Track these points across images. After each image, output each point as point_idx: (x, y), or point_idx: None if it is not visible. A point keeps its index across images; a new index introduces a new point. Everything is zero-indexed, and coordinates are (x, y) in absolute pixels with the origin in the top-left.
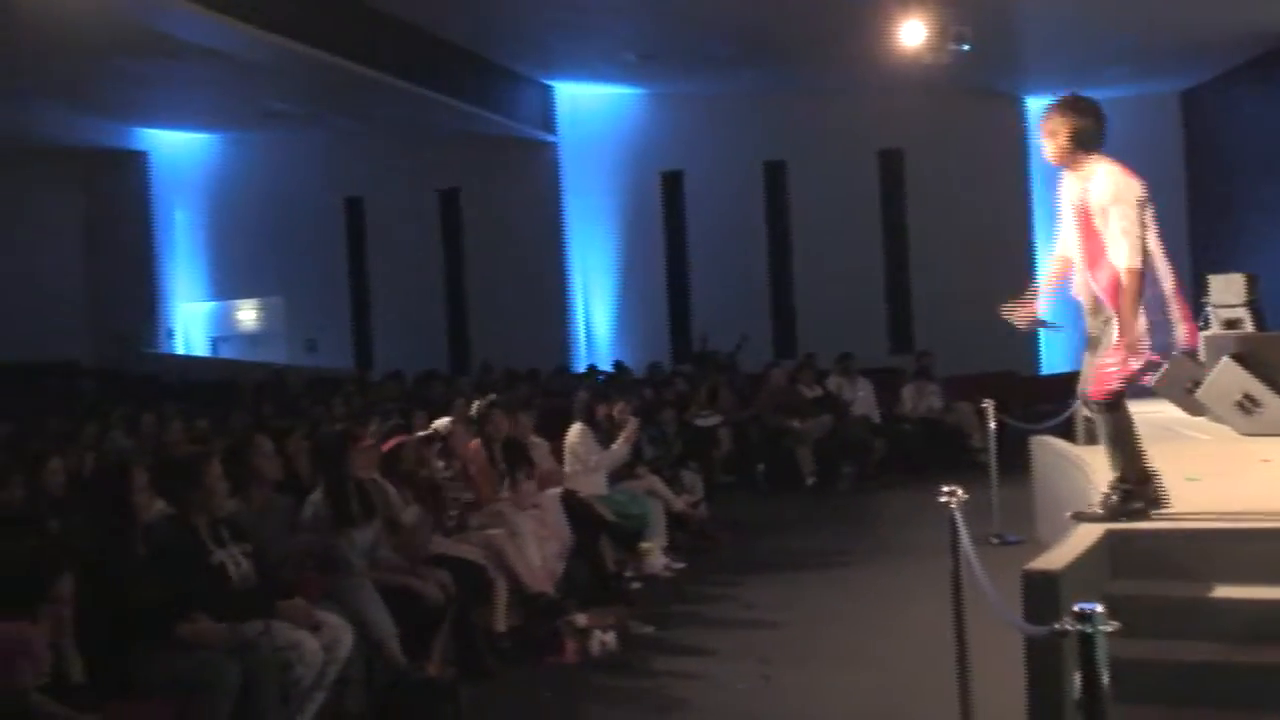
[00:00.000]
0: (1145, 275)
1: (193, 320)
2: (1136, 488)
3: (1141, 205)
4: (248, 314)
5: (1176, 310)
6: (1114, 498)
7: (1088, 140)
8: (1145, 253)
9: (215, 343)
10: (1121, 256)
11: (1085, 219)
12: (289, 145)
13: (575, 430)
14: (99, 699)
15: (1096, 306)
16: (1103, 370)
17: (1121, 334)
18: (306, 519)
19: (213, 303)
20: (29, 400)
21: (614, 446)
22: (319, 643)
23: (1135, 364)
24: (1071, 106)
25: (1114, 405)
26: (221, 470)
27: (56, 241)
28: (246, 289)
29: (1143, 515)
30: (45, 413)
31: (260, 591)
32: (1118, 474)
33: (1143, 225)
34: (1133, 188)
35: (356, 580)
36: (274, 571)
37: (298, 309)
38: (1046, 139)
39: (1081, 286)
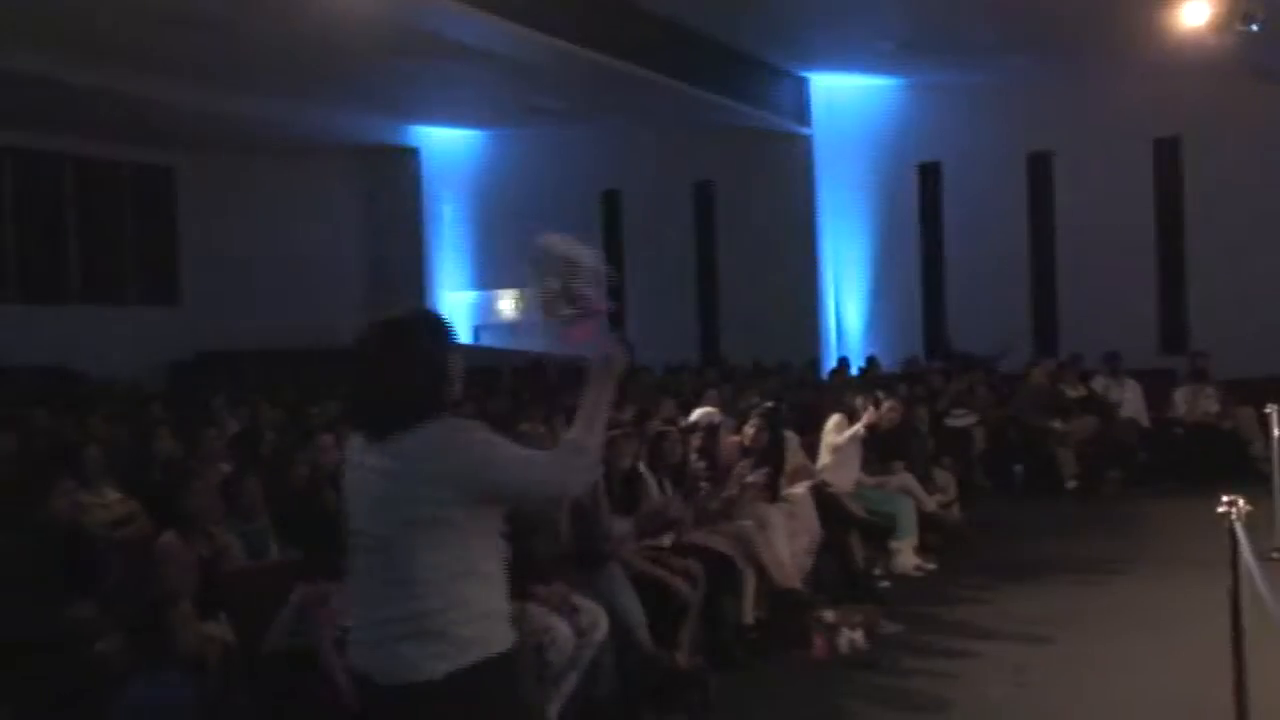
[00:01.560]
0: None
1: (457, 309)
2: None
3: None
4: (507, 303)
5: None
6: None
7: None
8: None
9: (477, 330)
10: None
11: None
12: (549, 140)
13: (833, 422)
14: None
15: None
16: None
17: None
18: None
19: (475, 292)
20: (312, 383)
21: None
22: (573, 628)
23: None
24: None
25: None
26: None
27: (337, 232)
28: (507, 279)
29: None
30: (324, 396)
31: (518, 574)
32: None
33: None
34: None
35: (611, 568)
36: (534, 556)
37: None
38: None
39: None
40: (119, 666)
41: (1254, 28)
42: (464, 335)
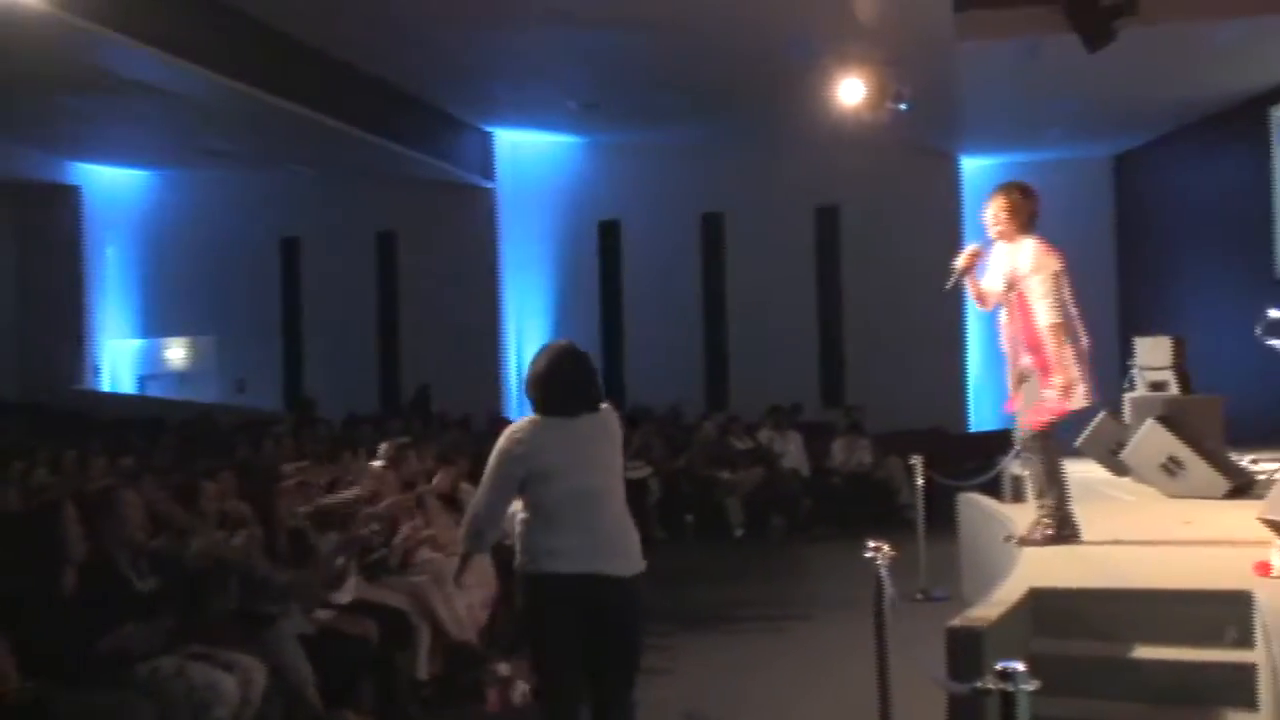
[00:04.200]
0: (1071, 330)
1: (120, 357)
2: (1064, 517)
3: (1059, 276)
4: (177, 352)
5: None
6: (1047, 524)
7: (1030, 222)
8: (1067, 314)
9: (143, 381)
10: (1043, 316)
11: (1013, 285)
12: (226, 184)
13: None
14: None
15: (1020, 356)
16: (1040, 404)
17: (1054, 371)
18: (231, 559)
19: (141, 340)
20: None
21: None
22: (239, 686)
23: (1070, 405)
24: (1023, 192)
25: (1046, 437)
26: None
27: None
28: (177, 327)
29: (1072, 541)
30: None
31: (184, 632)
32: (1052, 502)
33: (1060, 290)
34: (1052, 261)
35: (280, 626)
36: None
37: (229, 349)
38: (1000, 214)
39: (1008, 340)
40: None
41: (903, 107)
42: (128, 385)
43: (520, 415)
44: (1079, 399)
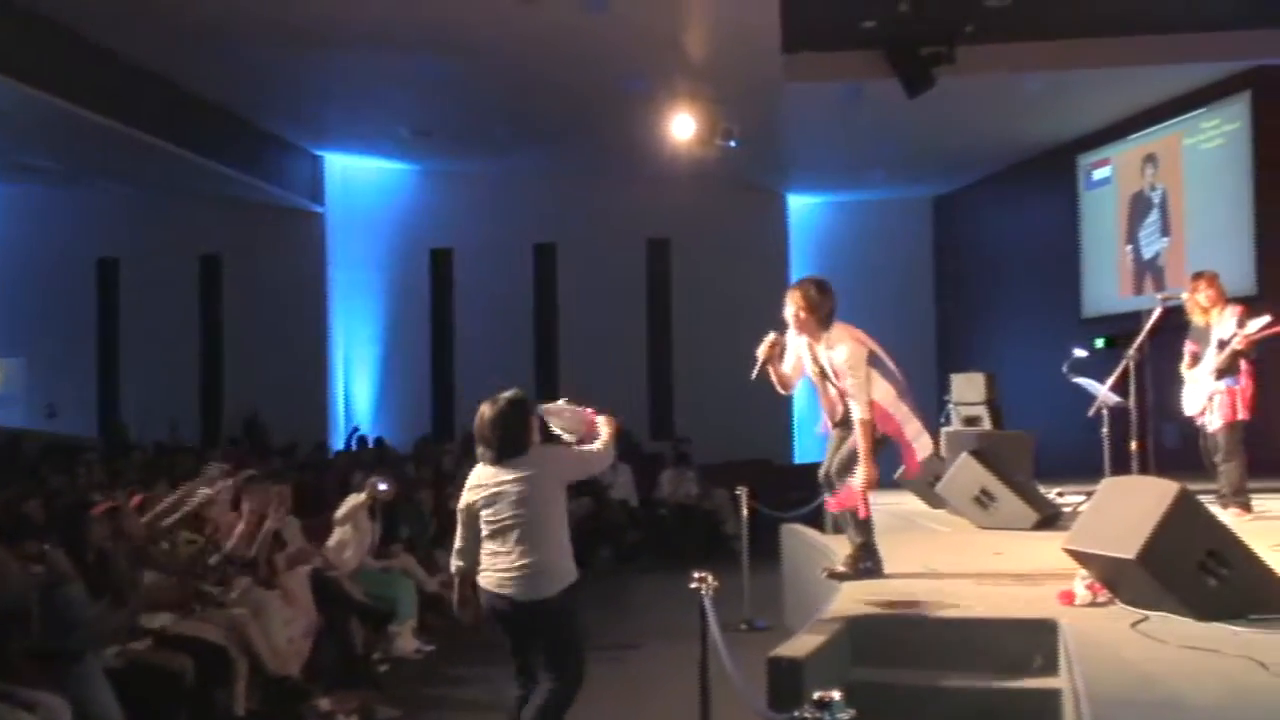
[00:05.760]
0: (899, 387)
1: None
2: (871, 554)
3: (870, 361)
4: None
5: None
6: (859, 559)
7: (830, 316)
8: (894, 379)
9: None
10: (855, 410)
11: (830, 377)
12: (39, 201)
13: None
14: None
15: (839, 419)
16: (849, 491)
17: (863, 461)
18: (38, 592)
19: None
20: None
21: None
22: None
23: (919, 458)
24: (819, 287)
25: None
26: None
27: None
28: None
29: (878, 575)
30: None
31: None
32: (861, 540)
33: (869, 379)
34: (862, 353)
35: (87, 662)
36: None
37: (39, 372)
38: (800, 313)
39: (825, 402)
40: None
41: (732, 144)
42: None
43: (343, 442)
44: (925, 448)
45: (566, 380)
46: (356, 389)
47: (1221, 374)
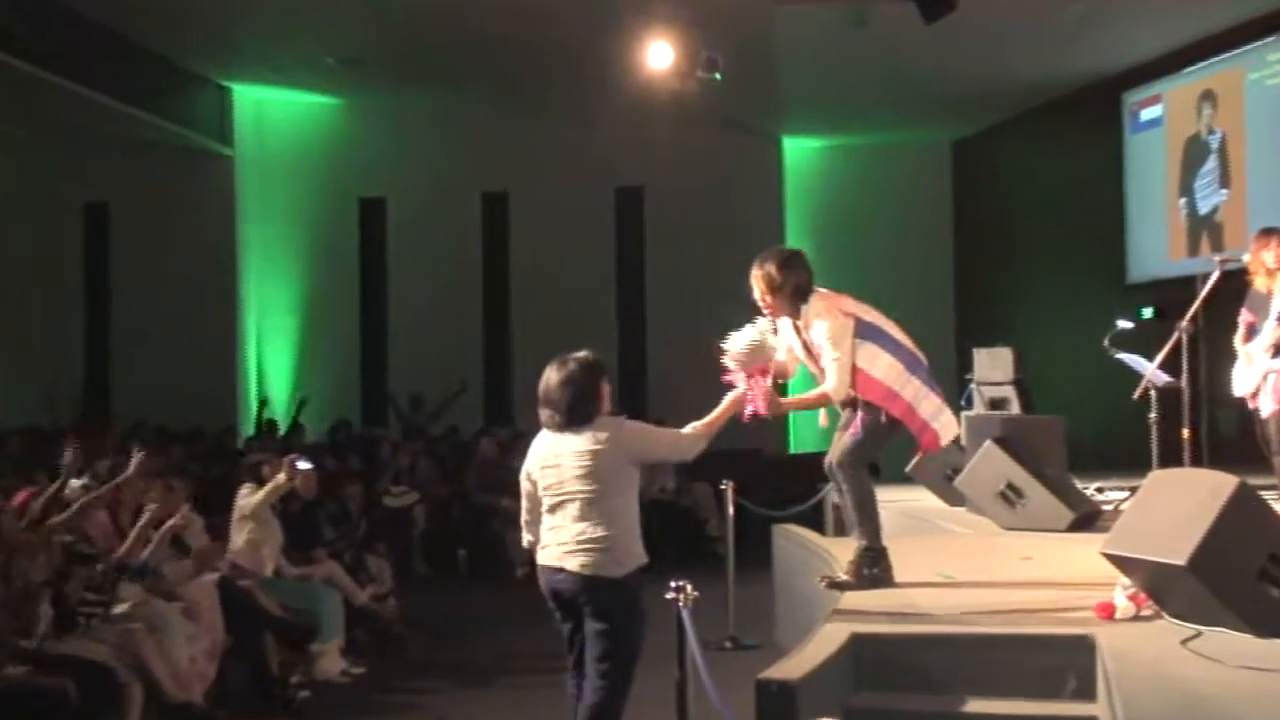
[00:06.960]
0: (910, 363)
1: None
2: (878, 555)
3: (863, 334)
4: None
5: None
6: (863, 565)
7: (802, 290)
8: (899, 353)
9: None
10: (828, 384)
11: (812, 353)
12: None
13: (243, 493)
14: None
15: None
16: (929, 432)
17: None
18: None
19: None
20: None
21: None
22: None
23: (942, 442)
24: (780, 263)
25: (855, 464)
26: None
27: None
28: None
29: (888, 584)
30: None
31: None
32: (865, 541)
33: (865, 354)
34: (845, 325)
35: None
36: None
37: None
38: (764, 296)
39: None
40: None
41: (716, 76)
42: None
43: (255, 430)
44: (949, 427)
45: (520, 353)
46: (271, 364)
47: (1278, 351)
